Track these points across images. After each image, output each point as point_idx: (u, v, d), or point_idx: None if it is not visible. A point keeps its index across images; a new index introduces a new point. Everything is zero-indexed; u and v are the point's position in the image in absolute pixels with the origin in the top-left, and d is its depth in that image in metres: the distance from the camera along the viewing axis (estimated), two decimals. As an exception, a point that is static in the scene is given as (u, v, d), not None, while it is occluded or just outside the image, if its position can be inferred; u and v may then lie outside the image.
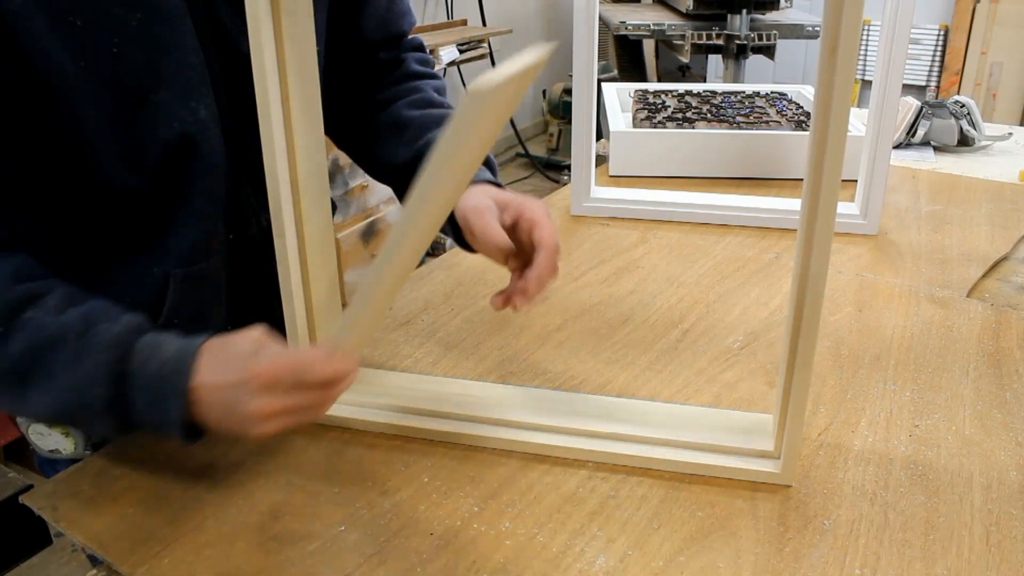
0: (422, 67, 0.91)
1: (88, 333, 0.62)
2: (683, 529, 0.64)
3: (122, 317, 0.63)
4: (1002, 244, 1.15)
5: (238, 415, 0.59)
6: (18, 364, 0.61)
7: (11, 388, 0.62)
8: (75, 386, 0.61)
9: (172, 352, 0.61)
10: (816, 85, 0.57)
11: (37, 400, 0.62)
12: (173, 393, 0.60)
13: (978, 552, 0.62)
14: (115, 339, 0.61)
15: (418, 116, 0.84)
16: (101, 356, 0.61)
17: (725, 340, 0.91)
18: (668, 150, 1.42)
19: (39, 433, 0.76)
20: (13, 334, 0.61)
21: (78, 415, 0.62)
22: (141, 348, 0.62)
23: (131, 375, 0.61)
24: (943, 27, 4.13)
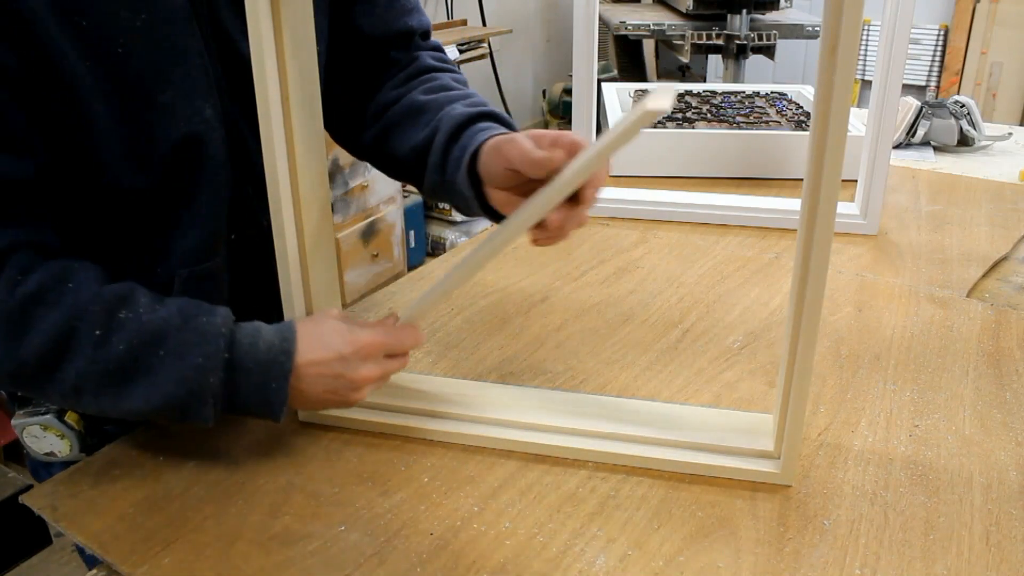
0: (437, 62, 0.88)
1: (189, 326, 0.64)
2: (683, 529, 0.64)
3: (216, 308, 0.67)
4: (1002, 244, 1.15)
5: (345, 383, 0.67)
6: (122, 363, 0.63)
7: (113, 387, 0.63)
8: (184, 377, 0.63)
9: (273, 336, 0.66)
10: (816, 85, 0.57)
11: (142, 395, 0.63)
12: (280, 374, 0.65)
13: (978, 552, 0.62)
14: (219, 328, 0.65)
15: (433, 99, 0.81)
16: (210, 346, 0.64)
17: (725, 340, 0.91)
18: (668, 150, 1.42)
19: (33, 436, 0.76)
20: (113, 335, 0.63)
21: (186, 405, 0.64)
22: (243, 335, 0.66)
23: (239, 361, 0.65)
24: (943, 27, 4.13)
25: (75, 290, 0.63)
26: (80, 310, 0.62)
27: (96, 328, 0.62)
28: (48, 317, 0.61)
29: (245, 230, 0.78)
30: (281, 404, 0.66)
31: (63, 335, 0.62)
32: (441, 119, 0.77)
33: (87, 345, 0.62)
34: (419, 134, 0.79)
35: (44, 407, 0.76)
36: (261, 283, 0.79)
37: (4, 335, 0.61)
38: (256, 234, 0.77)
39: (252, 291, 0.81)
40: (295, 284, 0.72)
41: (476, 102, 0.80)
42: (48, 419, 0.75)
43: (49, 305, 0.62)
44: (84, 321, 0.62)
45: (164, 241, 0.72)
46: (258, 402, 0.66)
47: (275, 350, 0.65)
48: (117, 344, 0.62)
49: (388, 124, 0.83)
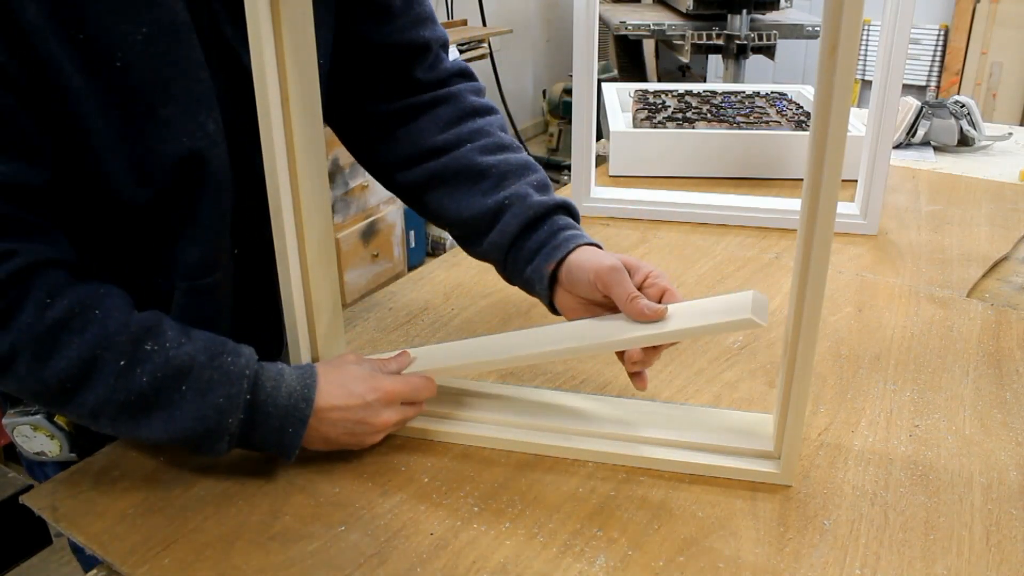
0: (478, 98, 0.87)
1: (214, 364, 0.65)
2: (683, 529, 0.64)
3: (241, 348, 0.67)
4: (1002, 244, 1.15)
5: (365, 428, 0.69)
6: (143, 395, 0.63)
7: (131, 417, 0.64)
8: (204, 415, 0.64)
9: (295, 382, 0.67)
10: (816, 85, 0.57)
11: (159, 427, 0.64)
12: (298, 420, 0.66)
13: (978, 552, 0.62)
14: (243, 370, 0.66)
15: (493, 164, 0.81)
16: (232, 387, 0.65)
17: (725, 340, 0.91)
18: (668, 150, 1.42)
19: (24, 436, 0.76)
20: (138, 366, 0.63)
21: (201, 440, 0.65)
22: (266, 378, 0.67)
23: (262, 404, 0.66)
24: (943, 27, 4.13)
25: (102, 318, 0.63)
26: (106, 339, 0.63)
27: (121, 359, 0.63)
28: (74, 344, 0.62)
29: (249, 244, 0.77)
30: (295, 448, 0.67)
31: (87, 363, 0.62)
32: (512, 200, 0.79)
33: (110, 375, 0.62)
34: (479, 202, 0.80)
35: (34, 407, 0.76)
36: (264, 296, 0.79)
37: (30, 357, 0.61)
38: (260, 248, 0.76)
39: (255, 304, 0.81)
40: (295, 285, 0.72)
41: (541, 181, 0.82)
42: (38, 420, 0.75)
43: (76, 331, 0.62)
44: (109, 351, 0.63)
45: (165, 254, 0.72)
46: (273, 443, 0.67)
47: (296, 396, 0.67)
48: (140, 376, 0.63)
49: (437, 176, 0.82)
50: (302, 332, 0.74)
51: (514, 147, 0.84)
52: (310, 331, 0.76)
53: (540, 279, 0.76)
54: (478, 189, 0.81)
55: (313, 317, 0.75)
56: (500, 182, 0.80)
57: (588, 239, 0.77)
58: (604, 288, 0.71)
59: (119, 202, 0.67)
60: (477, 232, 0.81)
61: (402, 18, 0.81)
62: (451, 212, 0.82)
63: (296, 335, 0.74)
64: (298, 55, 0.66)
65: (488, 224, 0.80)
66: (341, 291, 0.79)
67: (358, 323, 0.95)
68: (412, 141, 0.83)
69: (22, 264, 0.61)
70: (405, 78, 0.84)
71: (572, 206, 0.81)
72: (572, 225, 0.79)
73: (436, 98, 0.84)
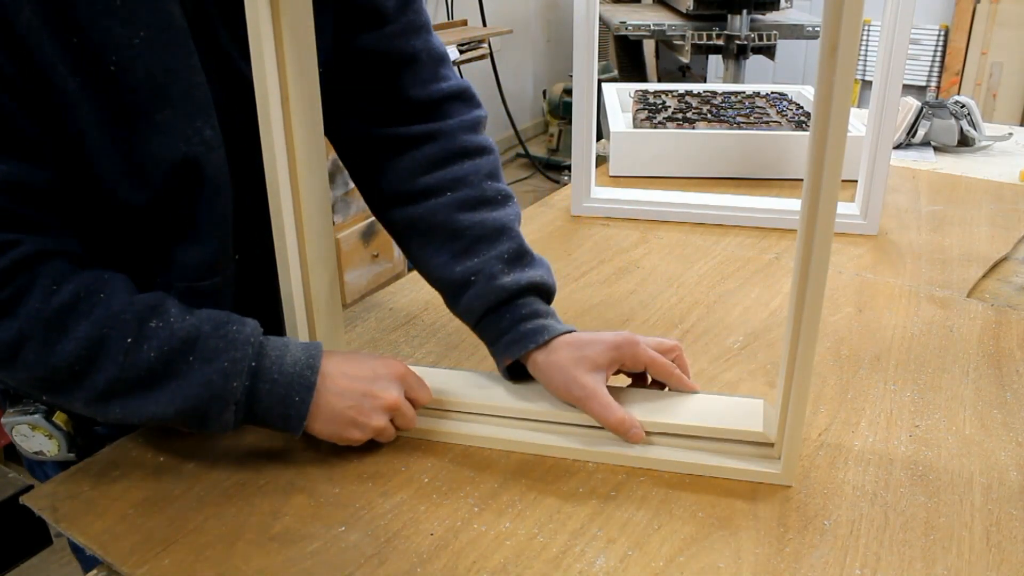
0: (471, 136, 0.82)
1: (218, 333, 0.66)
2: (683, 529, 0.64)
3: (245, 319, 0.68)
4: (1002, 244, 1.15)
5: (370, 401, 0.69)
6: (152, 369, 0.64)
7: (141, 393, 0.64)
8: (209, 382, 0.64)
9: (300, 352, 0.68)
10: (816, 85, 0.57)
11: (167, 399, 0.64)
12: (304, 387, 0.67)
13: (978, 552, 0.62)
14: (248, 337, 0.66)
15: (468, 227, 0.78)
16: (238, 352, 0.65)
17: (725, 340, 0.91)
18: (668, 150, 1.42)
19: (23, 435, 0.76)
20: (145, 341, 0.64)
21: (208, 409, 0.65)
22: (271, 347, 0.67)
23: (266, 370, 0.66)
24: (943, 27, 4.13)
25: (107, 300, 0.64)
26: (112, 319, 0.63)
27: (127, 336, 0.63)
28: (81, 326, 0.62)
29: (251, 249, 0.77)
30: (301, 417, 0.67)
31: (95, 343, 0.62)
32: (477, 278, 0.76)
33: (118, 353, 0.63)
34: (449, 268, 0.78)
35: (33, 406, 0.76)
36: (266, 300, 0.79)
37: (39, 342, 0.62)
38: (263, 253, 0.76)
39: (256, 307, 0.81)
40: (295, 285, 0.72)
41: (515, 251, 0.78)
42: (36, 419, 0.75)
43: (82, 314, 0.62)
44: (116, 329, 0.63)
45: (165, 255, 0.71)
46: (279, 414, 0.67)
47: (301, 364, 0.67)
48: (148, 352, 0.63)
49: (412, 226, 0.81)
50: (302, 332, 0.74)
51: (496, 200, 0.80)
52: (310, 331, 0.76)
53: (500, 368, 0.77)
54: (449, 250, 0.78)
55: (313, 317, 0.75)
56: (472, 246, 0.78)
57: (554, 331, 0.75)
58: (578, 404, 0.72)
59: (117, 203, 0.67)
60: (446, 295, 0.80)
61: (393, 24, 0.78)
62: (422, 268, 0.82)
63: (296, 335, 0.74)
64: (298, 56, 0.66)
65: (454, 293, 0.78)
66: (341, 291, 0.79)
67: (358, 323, 0.95)
68: (394, 179, 0.81)
69: (28, 252, 0.62)
70: (395, 93, 0.80)
71: (543, 284, 0.78)
72: (538, 312, 0.76)
73: (426, 133, 0.80)
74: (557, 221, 1.24)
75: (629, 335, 0.74)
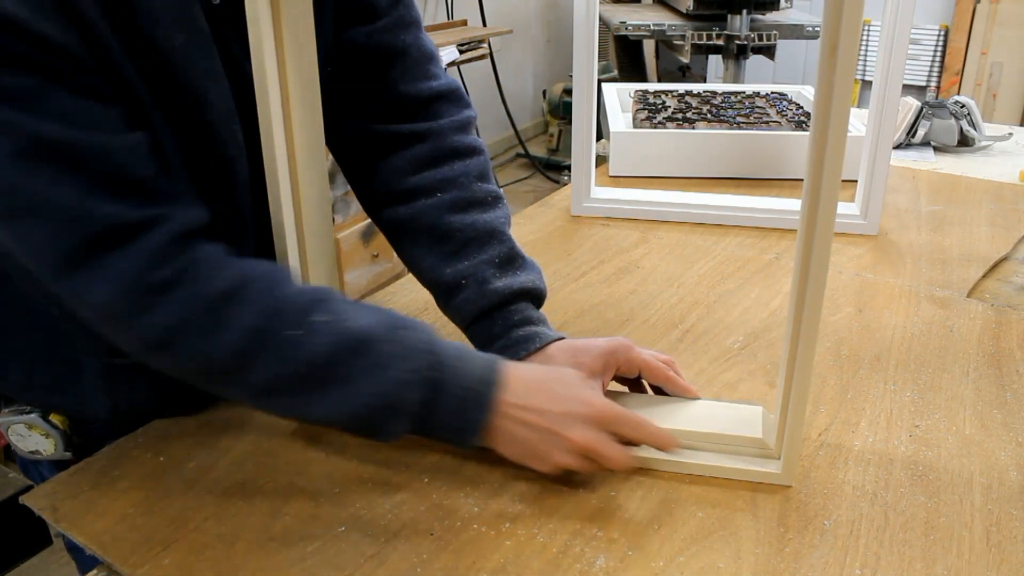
0: (461, 136, 0.81)
1: (393, 338, 0.63)
2: (683, 529, 0.64)
3: (419, 323, 0.65)
4: (1002, 244, 1.15)
5: (557, 440, 0.64)
6: (319, 368, 0.61)
7: (306, 392, 0.62)
8: (383, 391, 0.62)
9: (480, 363, 0.65)
10: (816, 85, 0.57)
11: (335, 404, 0.62)
12: (481, 404, 0.64)
13: (978, 552, 0.62)
14: (424, 345, 0.64)
15: (459, 229, 0.78)
16: (414, 362, 0.63)
17: (725, 340, 0.91)
18: (668, 150, 1.42)
19: (19, 435, 0.76)
20: (310, 337, 0.61)
21: (378, 419, 0.63)
22: (449, 356, 0.65)
23: (445, 382, 0.64)
24: (943, 27, 4.13)
25: (269, 289, 0.62)
26: (276, 311, 0.61)
27: (291, 329, 0.61)
28: (242, 315, 0.60)
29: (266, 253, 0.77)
30: (474, 433, 0.65)
31: (258, 335, 0.60)
32: (468, 282, 0.76)
33: (282, 346, 0.61)
34: (439, 269, 0.78)
35: (28, 407, 0.76)
36: None
37: (198, 331, 0.60)
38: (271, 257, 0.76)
39: None
40: (295, 284, 0.72)
41: (506, 254, 0.78)
42: (32, 418, 0.75)
43: (243, 303, 0.60)
44: (280, 321, 0.61)
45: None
46: (452, 427, 0.65)
47: (480, 378, 0.65)
48: (315, 348, 0.61)
49: (403, 227, 0.80)
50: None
51: (487, 202, 0.80)
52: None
53: None
54: (439, 251, 0.78)
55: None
56: (462, 249, 0.77)
57: (546, 337, 0.75)
58: None
59: None
60: (437, 296, 0.80)
61: (384, 19, 0.78)
62: (413, 269, 0.81)
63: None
64: (298, 55, 0.66)
65: (445, 296, 0.78)
66: (341, 291, 0.79)
67: (358, 323, 0.95)
68: (385, 179, 0.81)
69: (177, 231, 0.60)
70: (384, 88, 0.80)
71: (535, 289, 0.78)
72: (530, 319, 0.76)
73: (416, 133, 0.80)
74: (557, 221, 1.24)
75: (622, 340, 0.74)
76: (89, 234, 0.57)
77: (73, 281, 0.58)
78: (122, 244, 0.58)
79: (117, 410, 0.75)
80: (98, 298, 0.58)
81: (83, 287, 0.58)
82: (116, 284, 0.58)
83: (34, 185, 0.55)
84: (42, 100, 0.54)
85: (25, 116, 0.54)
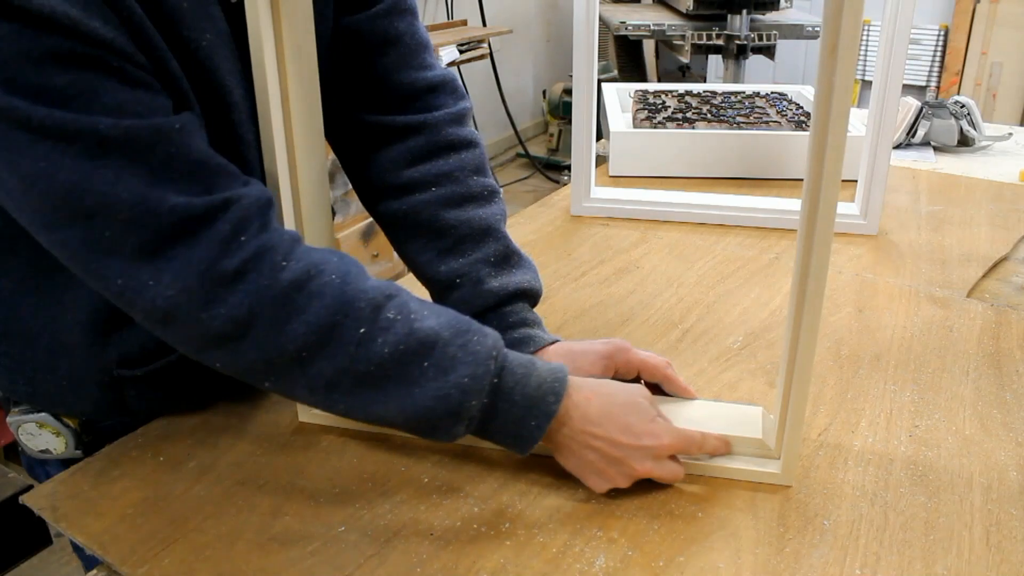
0: (456, 128, 0.81)
1: (459, 342, 0.63)
2: (683, 529, 0.64)
3: (485, 329, 0.65)
4: (1002, 244, 1.15)
5: (623, 469, 0.65)
6: (383, 367, 0.61)
7: (368, 390, 0.61)
8: (446, 395, 0.61)
9: (546, 372, 0.65)
10: (816, 85, 0.57)
11: (396, 404, 0.62)
12: (544, 414, 0.64)
13: (978, 552, 0.62)
14: (490, 351, 0.63)
15: (455, 223, 0.77)
16: (479, 367, 0.62)
17: (725, 340, 0.91)
18: (668, 150, 1.42)
19: (29, 433, 0.76)
20: (379, 335, 0.60)
21: (438, 422, 0.62)
22: (514, 363, 0.64)
23: (508, 390, 0.63)
24: (943, 27, 4.13)
25: (340, 283, 0.61)
26: (346, 304, 0.60)
27: (362, 326, 0.60)
28: (312, 308, 0.59)
29: None
30: (533, 442, 0.65)
31: (326, 329, 0.59)
32: (463, 281, 0.76)
33: (350, 342, 0.60)
34: (434, 266, 0.77)
35: (39, 406, 0.76)
36: None
37: (268, 321, 0.58)
38: None
39: None
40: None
41: (501, 253, 0.78)
42: (43, 416, 0.75)
43: (314, 295, 0.59)
44: (350, 317, 0.60)
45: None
46: (512, 435, 0.65)
47: (545, 388, 0.64)
48: (382, 346, 0.60)
49: (398, 221, 0.80)
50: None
51: (482, 196, 0.80)
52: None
53: None
54: (435, 248, 0.78)
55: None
56: (457, 245, 0.77)
57: (542, 340, 0.75)
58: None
59: None
60: (433, 293, 0.80)
61: (379, 5, 0.78)
62: (409, 263, 0.81)
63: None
64: (298, 56, 0.66)
65: (441, 293, 0.78)
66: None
67: (358, 323, 0.95)
68: (381, 171, 0.80)
69: (244, 216, 0.59)
70: (378, 75, 0.79)
71: (530, 289, 0.78)
72: (526, 320, 0.76)
73: (411, 125, 0.79)
74: (557, 221, 1.24)
75: (620, 342, 0.74)
76: (159, 227, 0.56)
77: (142, 276, 0.57)
78: (192, 234, 0.57)
79: (125, 416, 0.76)
80: (167, 291, 0.57)
81: (154, 280, 0.57)
82: (186, 276, 0.57)
83: (99, 183, 0.54)
84: (96, 95, 0.54)
85: (81, 115, 0.53)
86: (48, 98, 0.52)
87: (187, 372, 0.74)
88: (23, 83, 0.52)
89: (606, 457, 0.65)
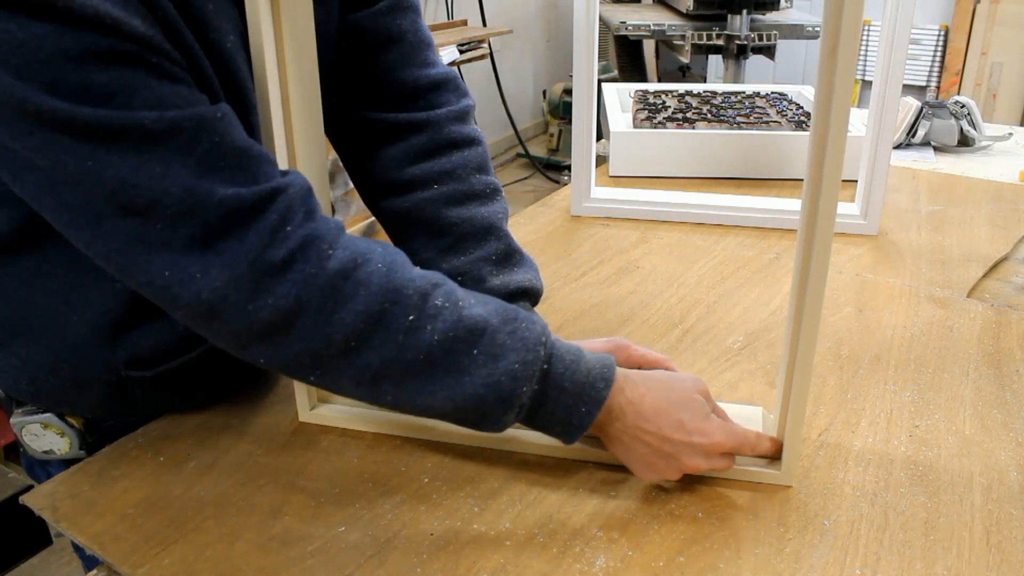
0: (459, 126, 0.80)
1: (508, 329, 0.62)
2: (683, 529, 0.64)
3: (533, 316, 0.65)
4: (1002, 244, 1.15)
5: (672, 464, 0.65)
6: (432, 355, 0.60)
7: (418, 380, 0.61)
8: (497, 383, 0.61)
9: (595, 360, 0.65)
10: (816, 85, 0.57)
11: (446, 393, 0.61)
12: (593, 400, 0.63)
13: (978, 552, 0.62)
14: (539, 337, 0.63)
15: (456, 221, 0.77)
16: (529, 354, 0.62)
17: (725, 340, 0.91)
18: (668, 150, 1.42)
19: (33, 434, 0.76)
20: (428, 323, 0.60)
21: (488, 410, 0.62)
22: (565, 351, 0.64)
23: (558, 376, 0.63)
24: (943, 27, 4.13)
25: (387, 271, 0.60)
26: (394, 292, 0.59)
27: (410, 313, 0.59)
28: (359, 295, 0.58)
29: None
30: (582, 430, 0.64)
31: (374, 317, 0.58)
32: (464, 280, 0.75)
33: (399, 331, 0.59)
34: (436, 265, 0.77)
35: (43, 407, 0.76)
36: None
37: (315, 310, 0.58)
38: None
39: None
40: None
41: (502, 251, 0.78)
42: (48, 417, 0.75)
43: (360, 283, 0.59)
44: (398, 304, 0.59)
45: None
46: (561, 422, 0.64)
47: (594, 375, 0.64)
48: (431, 334, 0.60)
49: (400, 219, 0.80)
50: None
51: (484, 194, 0.79)
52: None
53: None
54: (436, 246, 0.77)
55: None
56: (458, 244, 0.77)
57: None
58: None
59: None
60: None
61: (383, 1, 0.77)
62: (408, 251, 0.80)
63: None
64: (298, 55, 0.66)
65: None
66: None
67: (358, 323, 0.95)
68: (383, 169, 0.80)
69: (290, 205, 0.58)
70: (380, 72, 0.79)
71: (532, 289, 0.78)
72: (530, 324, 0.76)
73: (414, 122, 0.79)
74: (557, 221, 1.24)
75: (620, 340, 0.74)
76: (209, 220, 0.56)
77: (191, 269, 0.56)
78: (243, 225, 0.56)
79: (130, 416, 0.76)
80: (214, 283, 0.56)
81: (201, 272, 0.56)
82: (235, 268, 0.56)
83: (148, 178, 0.54)
84: (136, 91, 0.53)
85: (123, 112, 0.53)
86: (90, 97, 0.52)
87: (197, 373, 0.75)
88: (64, 84, 0.51)
89: (656, 451, 0.65)
